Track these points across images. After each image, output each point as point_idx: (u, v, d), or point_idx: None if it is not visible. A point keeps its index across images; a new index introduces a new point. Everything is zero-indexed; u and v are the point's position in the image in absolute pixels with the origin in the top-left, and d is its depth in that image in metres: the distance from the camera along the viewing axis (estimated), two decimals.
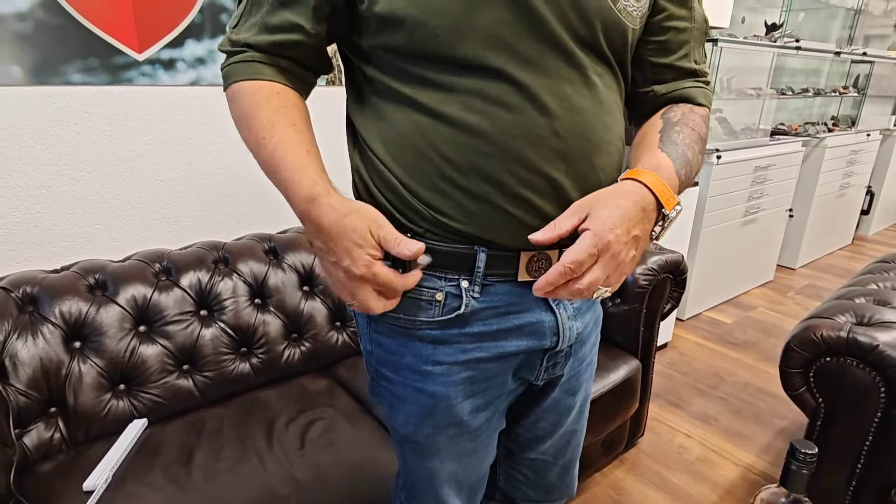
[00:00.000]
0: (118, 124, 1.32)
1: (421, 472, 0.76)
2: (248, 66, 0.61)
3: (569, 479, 0.90)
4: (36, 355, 1.08)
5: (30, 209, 1.23)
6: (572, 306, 0.71)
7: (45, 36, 1.20)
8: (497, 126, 0.58)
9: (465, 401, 0.69)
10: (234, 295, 1.33)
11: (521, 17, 0.56)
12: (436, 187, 0.60)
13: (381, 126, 0.62)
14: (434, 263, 0.62)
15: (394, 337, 0.67)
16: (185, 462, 1.04)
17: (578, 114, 0.60)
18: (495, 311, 0.65)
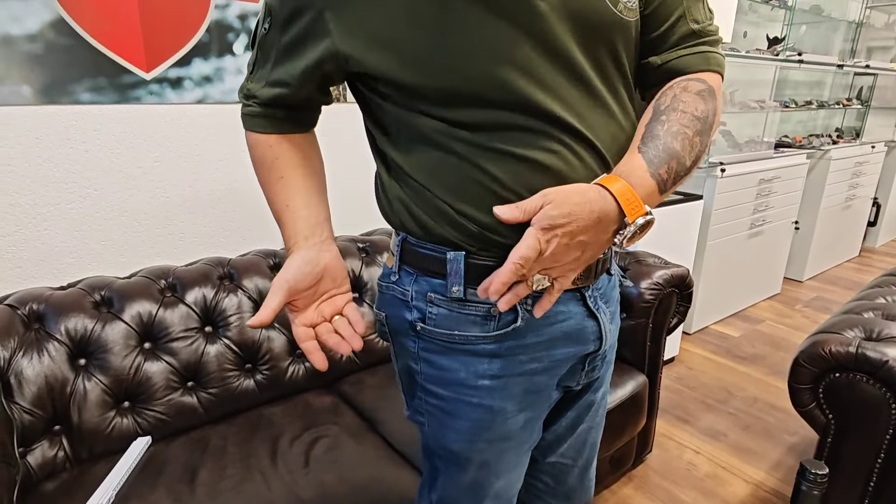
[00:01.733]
0: (126, 142, 1.33)
1: (465, 488, 0.75)
2: (251, 120, 0.67)
3: (587, 482, 0.90)
4: (41, 373, 1.09)
5: (37, 226, 1.24)
6: (609, 310, 0.73)
7: (54, 56, 1.22)
8: (555, 165, 0.59)
9: (520, 414, 0.70)
10: (239, 311, 1.33)
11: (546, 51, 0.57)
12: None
13: (419, 158, 0.62)
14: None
15: (444, 353, 0.67)
16: (188, 481, 1.03)
17: (613, 139, 0.62)
18: (545, 321, 0.67)
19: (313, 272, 0.64)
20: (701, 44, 0.64)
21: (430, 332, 0.67)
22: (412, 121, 0.61)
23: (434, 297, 0.65)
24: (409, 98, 0.60)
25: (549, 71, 0.57)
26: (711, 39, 0.65)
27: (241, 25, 1.45)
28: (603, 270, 0.71)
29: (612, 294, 0.75)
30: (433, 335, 0.67)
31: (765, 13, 3.01)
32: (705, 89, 0.62)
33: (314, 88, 0.65)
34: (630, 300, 1.47)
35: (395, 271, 0.70)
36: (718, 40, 0.66)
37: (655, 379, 1.56)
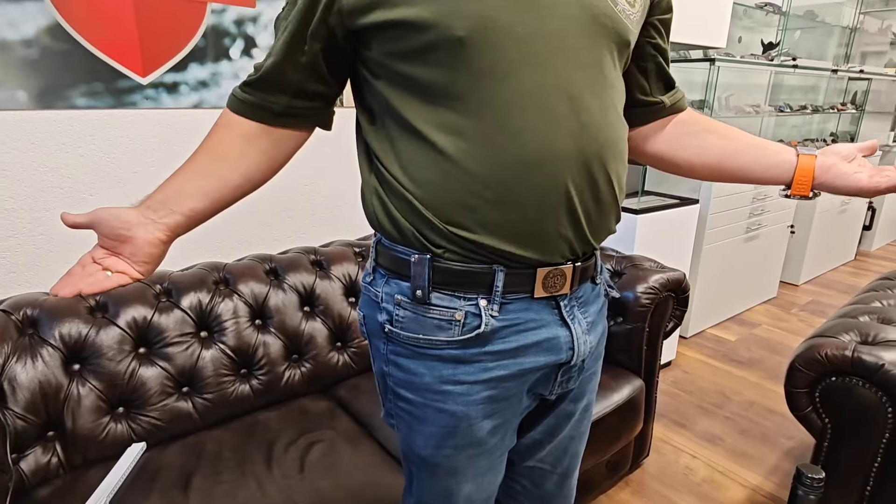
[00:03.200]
0: (121, 147, 1.33)
1: (437, 492, 0.75)
2: (242, 104, 0.68)
3: (567, 490, 0.89)
4: (35, 378, 1.08)
5: (32, 231, 1.24)
6: (586, 321, 0.72)
7: (50, 61, 1.22)
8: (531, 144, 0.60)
9: (485, 420, 0.69)
10: (234, 316, 1.32)
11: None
12: (460, 203, 0.60)
13: (398, 150, 0.63)
14: (454, 283, 0.64)
15: (412, 358, 0.68)
16: (183, 487, 1.02)
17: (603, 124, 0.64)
18: (514, 328, 0.66)
19: (120, 231, 0.64)
20: (678, 88, 0.81)
21: (398, 336, 0.67)
22: (398, 103, 0.61)
23: (401, 300, 0.66)
24: (403, 60, 0.59)
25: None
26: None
27: (237, 30, 1.45)
28: (586, 279, 0.71)
29: (595, 303, 0.75)
30: (400, 338, 0.67)
31: (759, 18, 3.03)
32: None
33: (319, 51, 0.63)
34: (626, 305, 1.47)
35: (370, 272, 0.71)
36: None
37: (652, 383, 1.56)
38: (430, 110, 0.60)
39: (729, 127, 0.79)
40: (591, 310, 0.73)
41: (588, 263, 0.71)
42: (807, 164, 0.69)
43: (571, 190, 0.62)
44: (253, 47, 1.48)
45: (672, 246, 2.14)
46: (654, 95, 0.78)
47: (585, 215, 0.64)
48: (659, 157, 0.81)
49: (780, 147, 0.73)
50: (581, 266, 0.68)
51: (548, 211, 0.62)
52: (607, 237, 0.73)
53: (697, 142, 0.78)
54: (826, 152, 0.71)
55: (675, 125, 0.80)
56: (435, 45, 0.57)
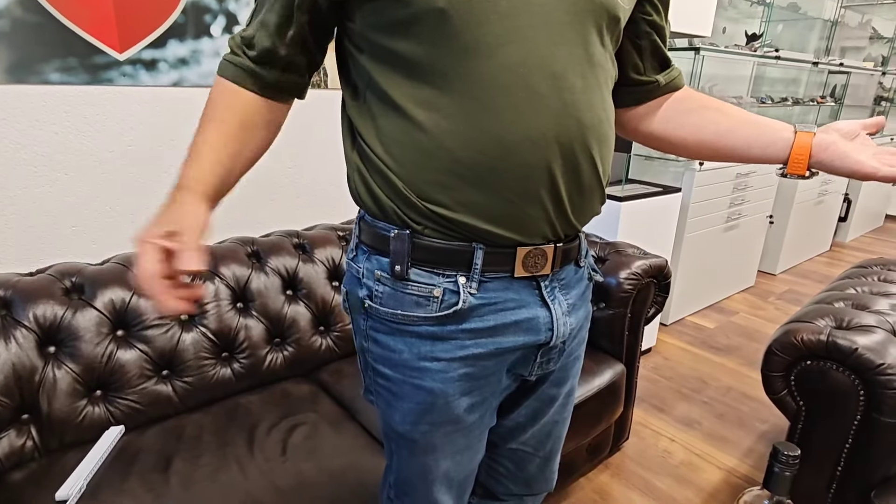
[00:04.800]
0: (97, 125, 1.29)
1: (415, 469, 0.75)
2: (226, 66, 0.64)
3: (548, 472, 0.90)
4: (8, 360, 1.05)
5: (4, 210, 1.20)
6: (567, 302, 0.72)
7: (22, 34, 1.17)
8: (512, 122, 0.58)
9: (462, 398, 0.69)
10: (215, 299, 1.30)
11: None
12: (438, 181, 0.60)
13: (380, 125, 0.62)
14: (433, 260, 0.63)
15: (391, 334, 0.67)
16: (162, 469, 1.01)
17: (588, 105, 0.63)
18: (492, 307, 0.66)
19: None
20: (675, 66, 0.79)
21: (377, 311, 0.67)
22: (381, 78, 0.61)
23: (381, 276, 0.66)
24: (385, 33, 0.58)
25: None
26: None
27: (218, 7, 1.41)
28: (568, 260, 0.71)
29: (578, 286, 0.74)
30: (379, 314, 0.67)
31: (744, 9, 3.05)
32: None
33: (305, 24, 0.62)
34: (608, 290, 1.48)
35: (353, 248, 0.71)
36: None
37: (633, 368, 1.58)
38: (411, 86, 0.59)
39: (726, 104, 0.77)
40: (573, 292, 0.73)
41: (571, 245, 0.70)
42: (803, 142, 0.67)
43: (554, 171, 0.61)
44: (235, 24, 1.45)
45: (654, 234, 2.16)
46: (647, 74, 0.77)
47: (568, 197, 0.64)
48: (654, 137, 0.81)
49: (779, 124, 0.72)
50: (563, 247, 0.68)
51: (528, 192, 0.61)
52: (591, 219, 0.73)
53: (693, 119, 0.77)
54: (827, 129, 0.68)
55: (671, 103, 0.79)
56: (416, 18, 0.56)
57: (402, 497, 0.79)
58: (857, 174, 0.64)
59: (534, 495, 0.93)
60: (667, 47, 0.78)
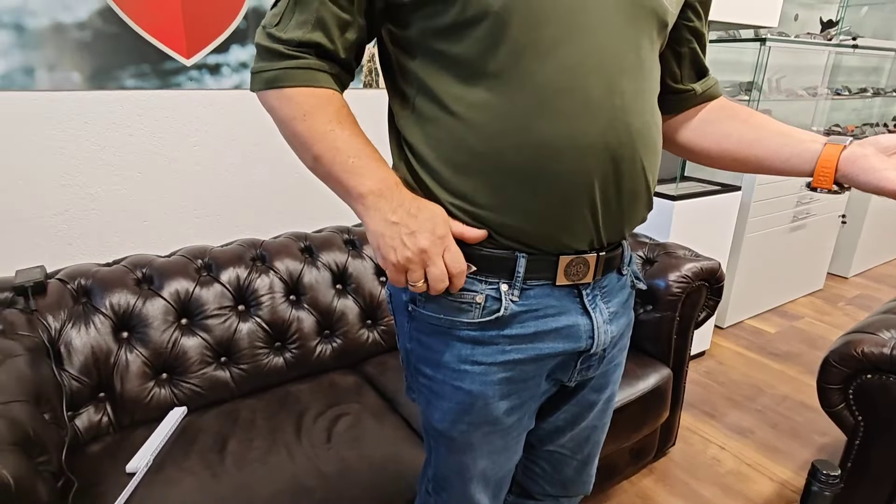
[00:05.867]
0: (166, 126, 1.39)
1: (452, 466, 0.78)
2: (305, 73, 0.61)
3: (586, 476, 0.91)
4: (88, 343, 1.16)
5: (85, 206, 1.32)
6: (609, 311, 0.72)
7: (101, 44, 1.28)
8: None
9: (501, 401, 0.71)
10: (270, 291, 1.38)
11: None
12: (486, 183, 0.61)
13: (428, 131, 0.63)
14: (477, 267, 0.65)
15: (433, 336, 0.70)
16: (219, 450, 1.09)
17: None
18: (533, 314, 0.67)
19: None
20: (711, 76, 0.79)
21: (420, 314, 0.69)
22: (432, 82, 0.61)
23: None
24: (440, 36, 0.59)
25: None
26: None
27: None
28: (611, 268, 0.71)
29: (620, 294, 0.74)
30: (422, 317, 0.69)
31: None
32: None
33: (363, 27, 0.63)
34: (656, 293, 1.45)
35: None
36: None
37: (681, 373, 1.54)
38: (464, 88, 0.60)
39: (756, 114, 0.75)
40: (614, 300, 0.73)
41: (614, 253, 0.70)
42: (830, 154, 0.65)
43: (602, 178, 0.61)
44: None
45: (710, 234, 2.08)
46: (684, 83, 0.76)
47: (612, 205, 0.64)
48: (684, 147, 0.80)
49: (807, 135, 0.69)
50: (606, 256, 0.68)
51: (572, 199, 0.62)
52: (637, 227, 0.73)
53: (718, 129, 0.76)
54: (864, 142, 0.65)
55: (703, 113, 0.78)
56: (473, 21, 0.57)
57: (439, 492, 0.82)
58: (882, 191, 0.60)
59: (569, 497, 0.94)
60: (705, 55, 0.76)
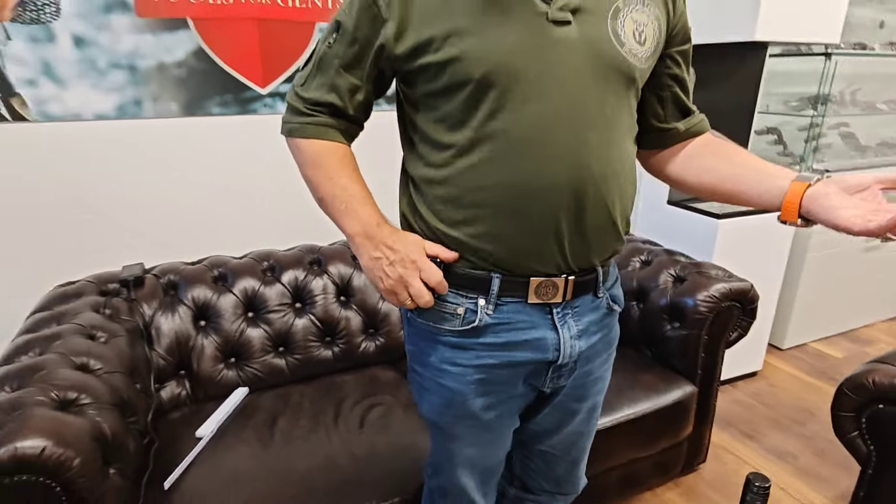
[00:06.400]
0: (245, 147, 1.62)
1: (443, 453, 0.91)
2: (316, 129, 0.78)
3: (575, 477, 1.00)
4: (172, 329, 1.40)
5: (182, 217, 1.58)
6: (577, 328, 0.82)
7: (194, 78, 1.53)
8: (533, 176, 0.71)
9: (478, 398, 0.83)
10: (323, 292, 1.57)
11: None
12: (471, 215, 0.73)
13: (427, 169, 0.76)
14: (458, 284, 0.77)
15: (424, 339, 0.83)
16: (270, 426, 1.29)
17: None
18: (506, 326, 0.78)
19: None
20: (698, 112, 0.87)
21: (415, 321, 0.83)
22: (431, 131, 0.74)
23: None
24: (436, 96, 0.72)
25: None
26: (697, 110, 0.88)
27: None
28: (584, 291, 0.80)
29: (593, 314, 0.83)
30: (416, 323, 0.82)
31: None
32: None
33: (370, 90, 0.78)
34: (684, 310, 1.49)
35: None
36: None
37: (710, 390, 1.56)
38: (455, 136, 0.72)
39: (737, 151, 0.82)
40: (585, 319, 0.82)
41: (586, 278, 0.80)
42: (796, 192, 0.70)
43: (562, 216, 0.72)
44: None
45: (761, 253, 2.04)
46: (668, 122, 0.84)
47: (577, 237, 0.74)
48: (671, 179, 0.87)
49: (782, 172, 0.75)
50: (576, 280, 0.78)
51: (540, 232, 0.73)
52: (611, 256, 0.82)
53: (700, 163, 0.83)
54: (829, 181, 0.70)
55: (689, 148, 0.85)
56: (460, 84, 0.70)
57: (435, 476, 0.95)
58: (836, 227, 0.66)
59: (564, 495, 1.04)
60: (689, 98, 0.84)
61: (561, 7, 0.68)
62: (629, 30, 0.71)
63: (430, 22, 0.69)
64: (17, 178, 1.41)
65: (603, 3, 0.70)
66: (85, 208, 1.49)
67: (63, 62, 1.39)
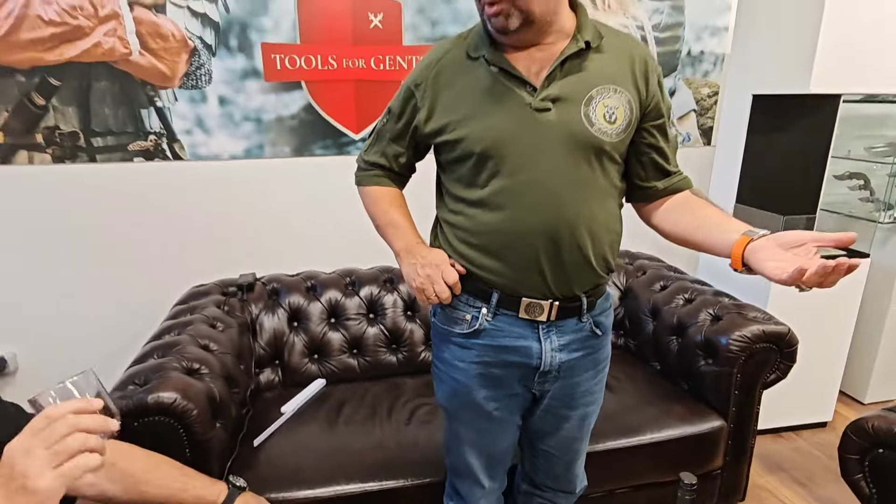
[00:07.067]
0: (340, 181, 1.96)
1: (452, 433, 1.14)
2: (374, 178, 1.11)
3: (571, 475, 1.18)
4: (272, 327, 1.76)
5: (284, 233, 1.96)
6: (559, 342, 1.01)
7: (303, 127, 1.91)
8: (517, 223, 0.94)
9: (480, 390, 1.04)
10: (393, 306, 1.85)
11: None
12: (476, 251, 0.98)
13: (450, 215, 1.02)
14: (468, 292, 1.00)
15: (441, 339, 1.08)
16: (337, 412, 1.57)
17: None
18: (501, 332, 1.01)
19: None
20: (681, 176, 1.04)
21: (436, 325, 1.07)
22: (453, 187, 1.00)
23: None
24: (453, 163, 0.97)
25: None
26: (683, 175, 1.05)
27: None
28: (569, 315, 1.00)
29: (575, 333, 1.01)
30: (436, 326, 1.06)
31: None
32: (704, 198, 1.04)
33: (411, 155, 1.07)
34: (717, 349, 1.57)
35: None
36: (685, 176, 1.05)
37: (746, 429, 1.61)
38: (466, 192, 0.98)
39: (706, 206, 0.98)
40: (567, 337, 1.01)
41: (571, 305, 0.99)
42: (740, 243, 0.85)
43: (541, 254, 0.93)
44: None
45: (829, 302, 2.01)
46: (649, 181, 1.02)
47: (557, 271, 0.95)
48: (656, 228, 1.04)
49: (736, 226, 0.90)
50: (561, 305, 0.98)
51: (524, 266, 0.95)
52: (593, 289, 1.01)
53: (674, 216, 1.00)
54: (770, 236, 0.82)
55: (671, 202, 1.02)
56: (466, 156, 0.95)
57: (448, 454, 1.18)
58: (765, 276, 0.80)
59: (564, 492, 1.20)
60: (669, 161, 1.01)
61: (542, 98, 0.90)
62: (600, 113, 0.91)
63: (447, 111, 0.95)
64: (174, 201, 1.87)
65: (579, 93, 0.91)
66: (218, 226, 1.92)
67: (210, 116, 1.83)
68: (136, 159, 1.82)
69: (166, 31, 1.73)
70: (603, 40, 0.94)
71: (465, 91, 0.95)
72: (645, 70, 0.95)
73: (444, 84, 0.96)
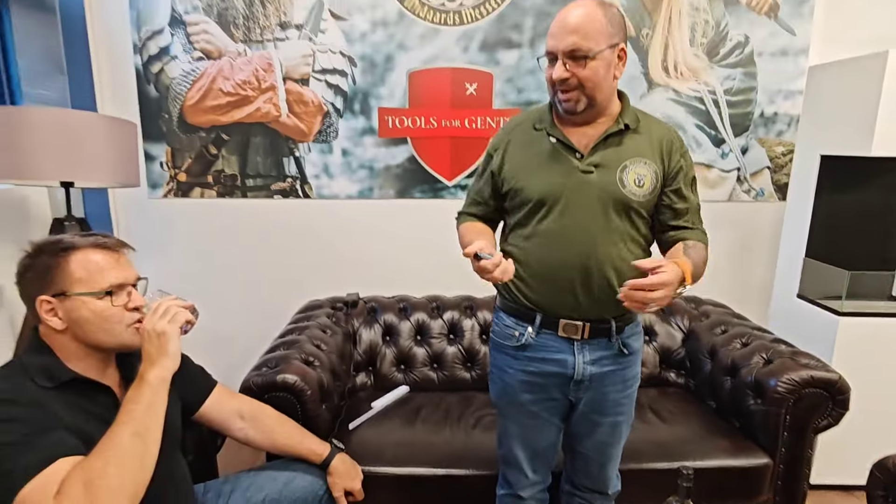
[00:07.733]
0: (434, 220, 2.32)
1: (502, 429, 1.38)
2: (467, 218, 1.40)
3: (604, 477, 1.37)
4: (368, 339, 2.11)
5: (384, 262, 2.34)
6: (591, 357, 1.24)
7: (406, 174, 2.30)
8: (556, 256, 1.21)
9: (524, 393, 1.29)
10: (471, 330, 2.14)
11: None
12: (525, 279, 1.24)
13: (507, 248, 1.31)
14: (517, 314, 1.27)
15: (496, 349, 1.35)
16: (415, 413, 1.87)
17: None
18: (543, 347, 1.26)
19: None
20: (696, 230, 1.25)
21: (493, 338, 1.34)
22: (511, 226, 1.29)
23: (497, 320, 1.31)
24: (512, 210, 1.27)
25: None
26: (701, 230, 1.26)
27: None
28: (600, 335, 1.22)
29: (605, 350, 1.24)
30: (493, 339, 1.33)
31: None
32: (704, 244, 1.25)
33: (494, 204, 1.34)
34: (765, 389, 1.67)
35: (497, 306, 1.37)
36: (704, 231, 1.27)
37: (797, 470, 1.67)
38: (521, 230, 1.26)
39: (680, 246, 1.20)
40: (598, 352, 1.24)
41: (602, 326, 1.22)
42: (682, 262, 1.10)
43: (576, 283, 1.19)
44: None
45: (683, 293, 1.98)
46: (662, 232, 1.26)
47: (588, 297, 1.19)
48: None
49: (678, 252, 1.15)
50: (592, 326, 1.22)
51: (561, 292, 1.20)
52: (622, 314, 1.23)
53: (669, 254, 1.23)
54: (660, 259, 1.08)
55: (674, 248, 1.24)
56: (523, 203, 1.24)
57: (500, 447, 1.42)
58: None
59: (599, 493, 1.39)
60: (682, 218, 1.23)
61: (588, 164, 1.18)
62: (631, 179, 1.17)
63: (515, 167, 1.26)
64: (301, 231, 2.32)
65: (615, 161, 1.17)
66: (333, 253, 2.35)
67: (334, 164, 2.28)
68: (276, 196, 2.30)
69: (308, 98, 2.22)
70: (640, 124, 1.21)
71: (531, 153, 1.24)
72: (669, 149, 1.21)
73: (515, 146, 1.27)
